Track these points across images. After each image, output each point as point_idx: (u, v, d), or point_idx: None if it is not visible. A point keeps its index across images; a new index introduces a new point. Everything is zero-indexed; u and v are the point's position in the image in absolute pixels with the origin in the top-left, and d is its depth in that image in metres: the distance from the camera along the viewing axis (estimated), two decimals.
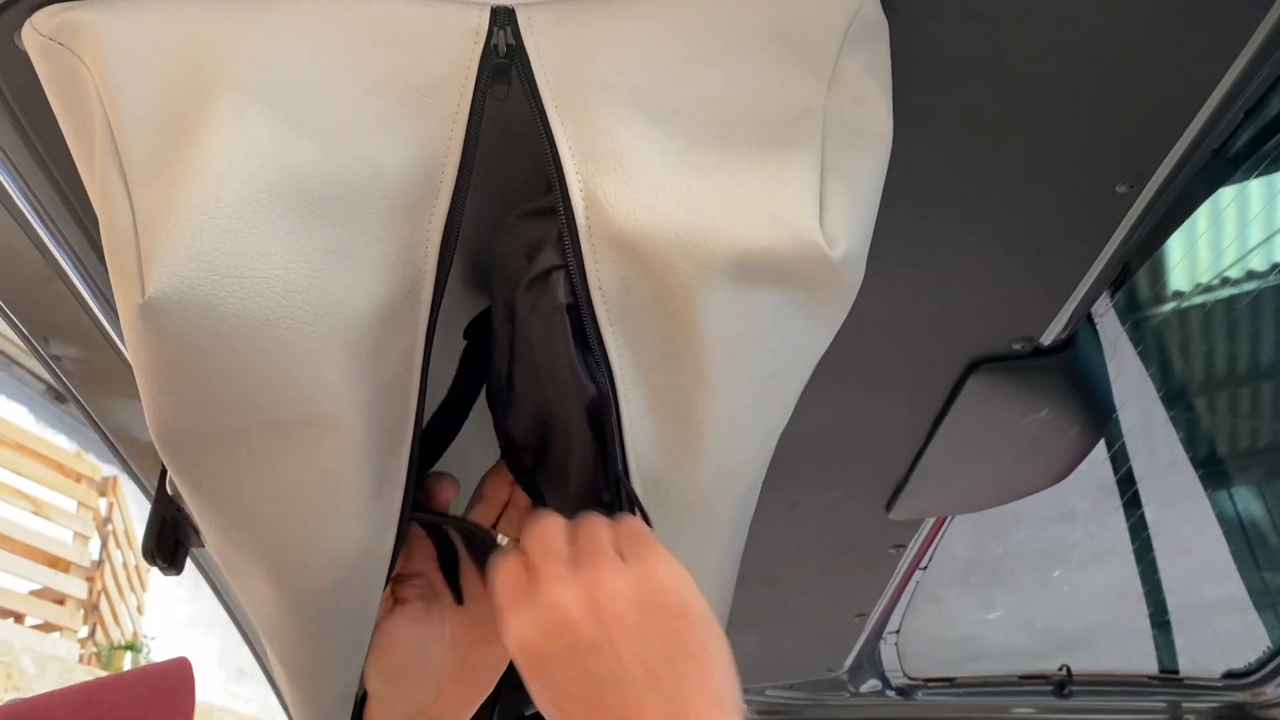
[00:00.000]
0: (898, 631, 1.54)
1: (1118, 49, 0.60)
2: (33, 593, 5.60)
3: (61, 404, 7.86)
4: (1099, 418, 0.95)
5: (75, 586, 5.77)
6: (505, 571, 0.56)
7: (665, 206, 0.48)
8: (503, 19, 0.49)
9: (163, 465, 0.93)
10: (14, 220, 0.66)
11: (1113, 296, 1.22)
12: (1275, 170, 1.17)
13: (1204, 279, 1.44)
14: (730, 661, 0.52)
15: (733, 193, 0.49)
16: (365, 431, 0.53)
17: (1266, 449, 1.70)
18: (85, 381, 0.85)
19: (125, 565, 6.37)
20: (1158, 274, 1.38)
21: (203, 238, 0.45)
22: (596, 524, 0.55)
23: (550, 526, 0.56)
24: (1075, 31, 0.59)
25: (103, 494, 6.20)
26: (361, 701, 0.67)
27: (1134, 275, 1.33)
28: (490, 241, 0.58)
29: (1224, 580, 1.67)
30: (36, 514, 5.62)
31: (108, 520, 6.21)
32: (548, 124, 0.49)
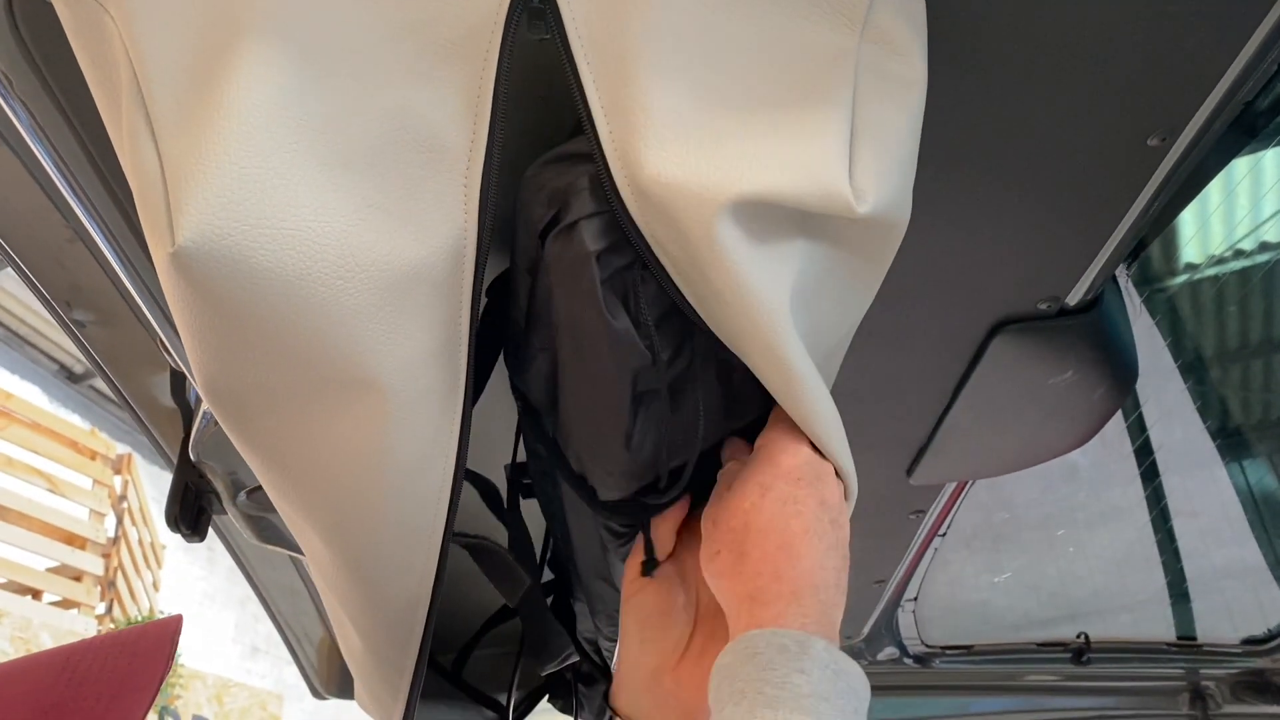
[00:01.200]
0: (915, 599, 1.54)
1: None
2: (50, 569, 5.64)
3: (74, 383, 7.90)
4: (1124, 379, 0.94)
5: (92, 563, 5.81)
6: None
7: (694, 160, 0.48)
8: None
9: (184, 433, 0.93)
10: (36, 181, 0.66)
11: (1129, 267, 1.22)
12: None
13: (1217, 251, 1.43)
14: None
15: (762, 145, 0.48)
16: (411, 396, 0.53)
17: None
18: (107, 348, 0.85)
19: (141, 542, 6.41)
20: (1172, 245, 1.37)
21: (231, 186, 0.44)
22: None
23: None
24: None
25: (118, 471, 6.23)
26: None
27: (1151, 243, 1.32)
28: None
29: (1234, 547, 1.67)
30: (52, 491, 5.66)
31: (123, 497, 6.25)
32: (579, 77, 0.49)
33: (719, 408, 0.62)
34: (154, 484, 6.85)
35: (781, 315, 0.53)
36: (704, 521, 0.62)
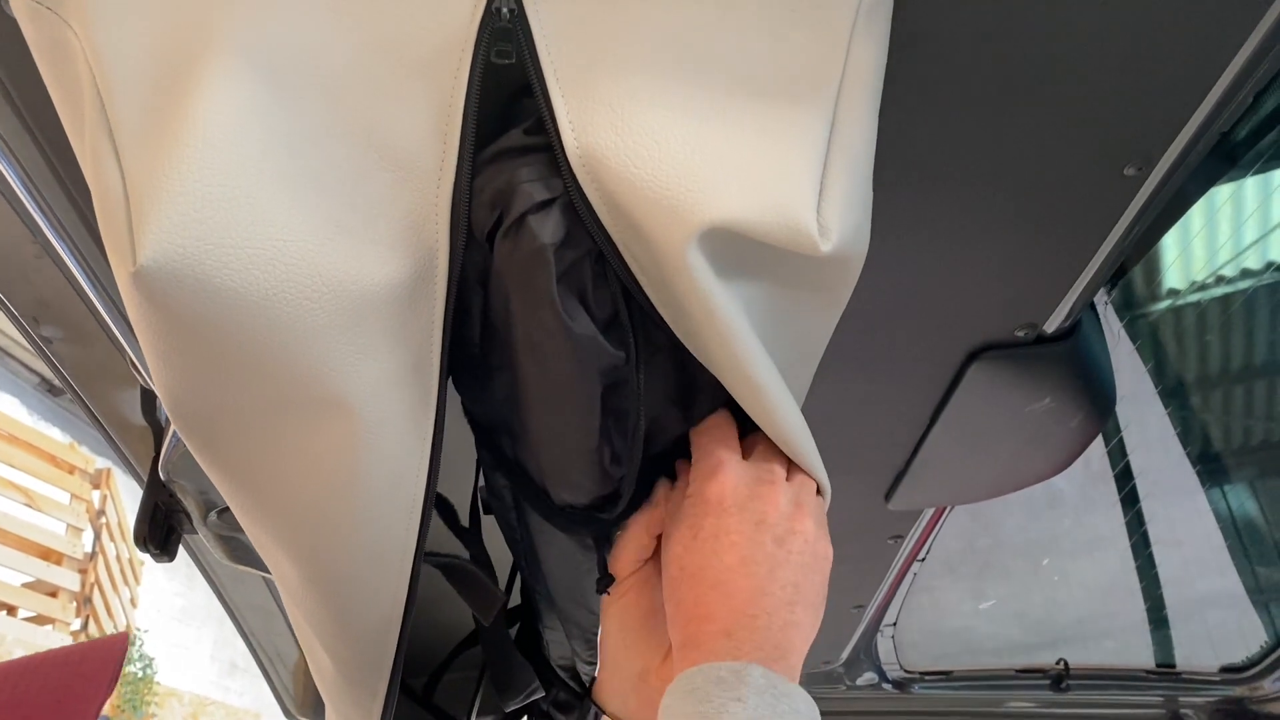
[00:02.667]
0: (895, 624, 1.54)
1: (1127, 28, 0.59)
2: (25, 585, 5.58)
3: (55, 396, 7.84)
4: (1102, 407, 0.94)
5: (68, 579, 5.75)
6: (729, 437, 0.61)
7: (665, 177, 0.47)
8: None
9: (154, 451, 0.92)
10: (1, 196, 0.65)
11: (1109, 292, 1.22)
12: (1273, 168, 1.17)
13: (1199, 277, 1.44)
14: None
15: (736, 172, 0.48)
16: (381, 416, 0.52)
17: (1261, 447, 1.70)
18: (76, 364, 0.84)
19: (119, 558, 6.35)
20: (1154, 271, 1.38)
21: (194, 205, 0.44)
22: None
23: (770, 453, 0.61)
24: (1085, 9, 0.58)
25: (96, 486, 6.18)
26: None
27: (1132, 269, 1.33)
28: None
29: (1214, 574, 1.67)
30: (29, 506, 5.60)
31: (101, 513, 6.19)
32: (547, 93, 0.48)
33: (671, 405, 0.61)
34: (133, 499, 6.78)
35: (749, 336, 0.53)
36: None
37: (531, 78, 0.48)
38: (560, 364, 0.54)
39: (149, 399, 0.87)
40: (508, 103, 0.54)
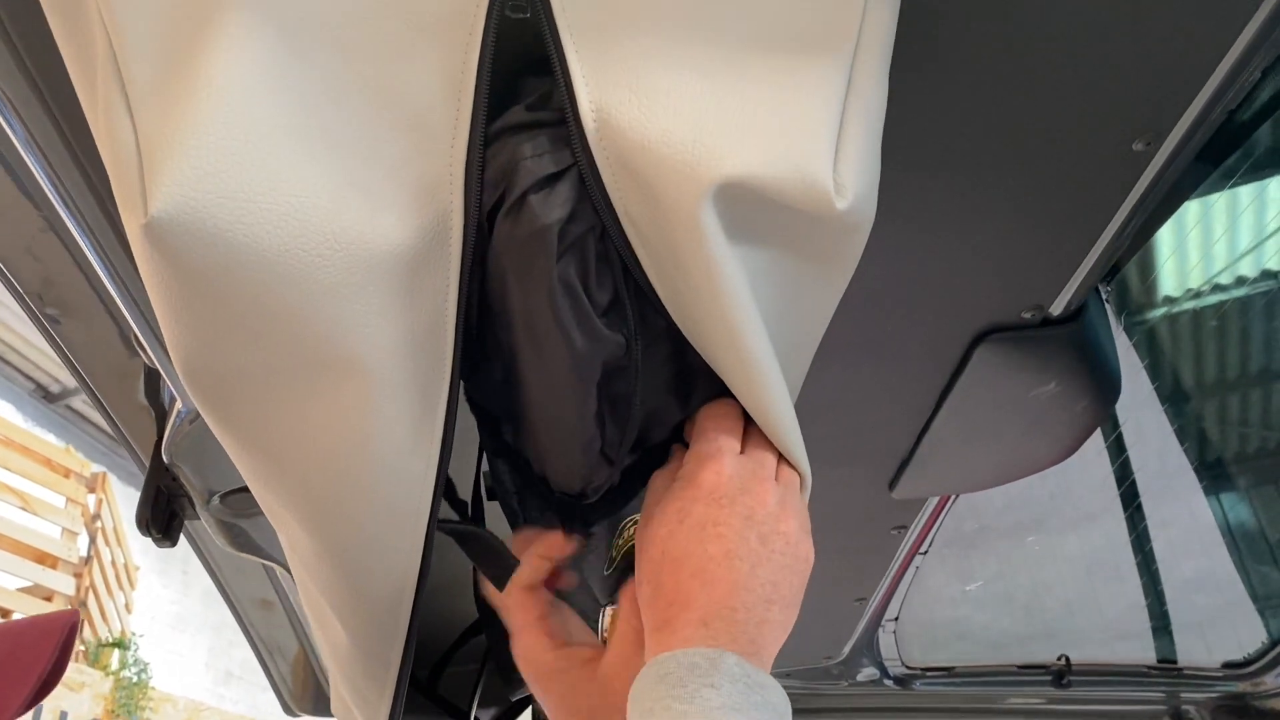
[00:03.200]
0: (896, 619, 1.53)
1: (1137, 1, 0.59)
2: (21, 589, 5.56)
3: (50, 402, 7.82)
4: (1107, 392, 0.94)
5: (63, 583, 5.73)
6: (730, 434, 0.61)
7: (679, 134, 0.47)
8: None
9: (157, 435, 0.92)
10: (7, 166, 0.65)
11: (1107, 289, 1.22)
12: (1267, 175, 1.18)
13: (1194, 285, 1.44)
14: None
15: (752, 126, 0.48)
16: (395, 378, 0.52)
17: (1258, 453, 1.71)
18: (80, 345, 0.83)
19: (114, 563, 6.33)
20: (1149, 277, 1.39)
21: (208, 158, 0.43)
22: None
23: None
24: None
25: (91, 490, 6.17)
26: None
27: (1125, 268, 1.33)
28: None
29: (1211, 570, 1.67)
30: (25, 510, 5.59)
31: (96, 517, 6.17)
32: (562, 51, 0.48)
33: (668, 394, 0.61)
34: (128, 504, 6.76)
35: (750, 308, 0.52)
36: (636, 548, 0.61)
37: (545, 34, 0.48)
38: (557, 348, 0.54)
39: (153, 380, 0.87)
40: (512, 79, 0.54)
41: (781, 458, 0.61)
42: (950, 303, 0.83)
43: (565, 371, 0.55)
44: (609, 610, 0.79)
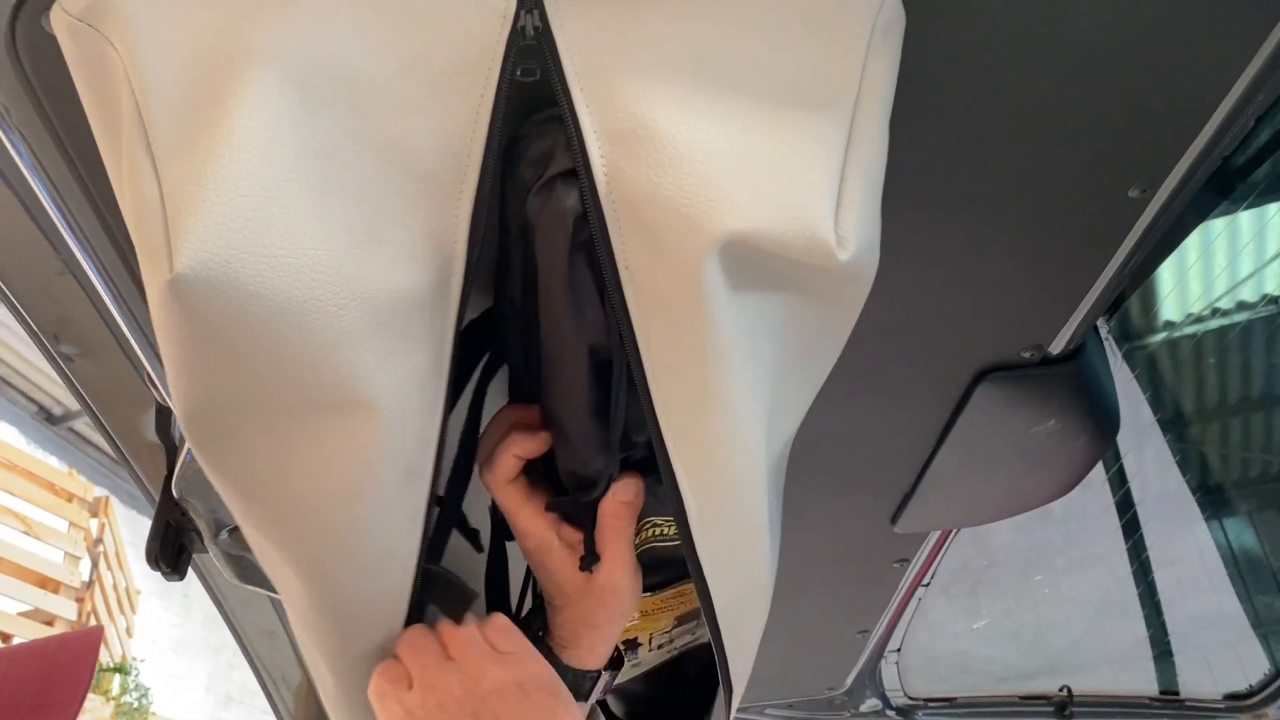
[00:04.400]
0: (899, 650, 1.53)
1: (1132, 50, 0.60)
2: (22, 614, 5.55)
3: (53, 425, 7.83)
4: (1106, 430, 0.95)
5: (65, 608, 5.71)
6: (389, 670, 0.63)
7: (687, 189, 0.48)
8: (530, 2, 0.49)
9: (168, 469, 0.93)
10: (28, 211, 0.66)
11: (1109, 322, 1.23)
12: (1267, 201, 1.19)
13: (1195, 309, 1.45)
14: None
15: (755, 180, 0.49)
16: (401, 417, 0.53)
17: (1260, 479, 1.71)
18: (93, 382, 0.85)
19: (115, 587, 6.31)
20: (1150, 303, 1.39)
21: (232, 214, 0.45)
22: (466, 628, 0.64)
23: (421, 634, 0.64)
24: (1090, 31, 0.59)
25: (94, 514, 6.16)
26: None
27: (1129, 299, 1.34)
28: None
29: (1214, 600, 1.67)
30: (27, 533, 5.58)
31: (99, 541, 6.16)
32: (573, 107, 0.50)
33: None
34: (131, 528, 6.77)
35: (738, 370, 0.54)
36: None
37: (557, 90, 0.49)
38: (563, 326, 0.57)
39: (164, 417, 0.88)
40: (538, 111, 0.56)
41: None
42: (951, 341, 0.84)
43: (568, 350, 0.58)
44: None
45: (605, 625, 0.71)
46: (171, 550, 0.95)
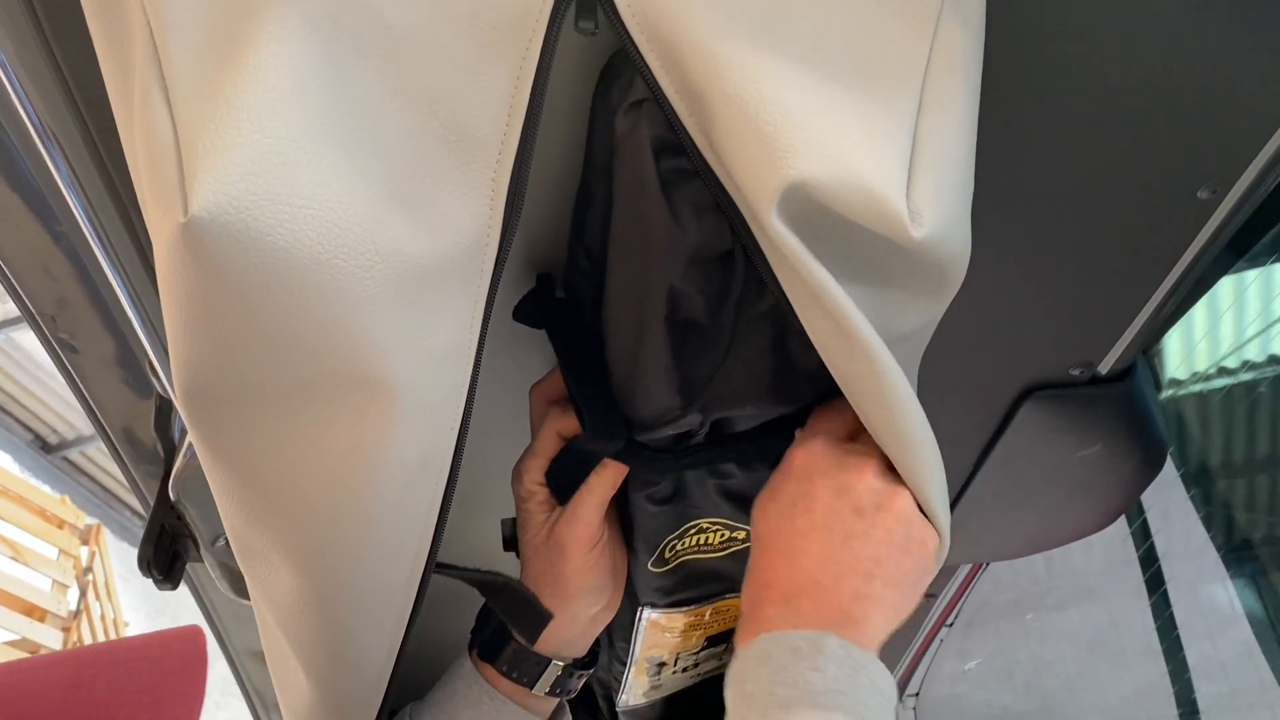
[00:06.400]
0: (917, 695, 1.47)
1: (1206, 45, 0.57)
2: (8, 643, 5.45)
3: (48, 453, 7.76)
4: (1152, 457, 0.90)
5: (51, 637, 5.61)
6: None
7: (752, 154, 0.44)
8: None
9: (165, 470, 0.88)
10: (29, 177, 0.62)
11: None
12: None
13: (1202, 369, 1.42)
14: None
15: (816, 134, 0.45)
16: (419, 397, 0.49)
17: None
18: (90, 372, 0.80)
19: (103, 618, 6.21)
20: (1159, 361, 1.37)
21: (253, 157, 0.41)
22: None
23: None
24: (1167, 13, 0.56)
25: (85, 542, 6.07)
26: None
27: (1166, 333, 1.31)
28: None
29: (1215, 653, 1.64)
30: (16, 560, 5.50)
31: (88, 570, 6.07)
32: (645, 65, 0.46)
33: (758, 380, 0.60)
34: (121, 560, 6.68)
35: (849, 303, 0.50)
36: None
37: (627, 48, 0.46)
38: (653, 220, 0.52)
39: (164, 412, 0.83)
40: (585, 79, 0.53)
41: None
42: (999, 355, 0.80)
43: (658, 246, 0.53)
44: (646, 615, 0.75)
45: (553, 596, 0.67)
46: (165, 556, 0.90)
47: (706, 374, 0.58)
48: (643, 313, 0.56)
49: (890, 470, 0.58)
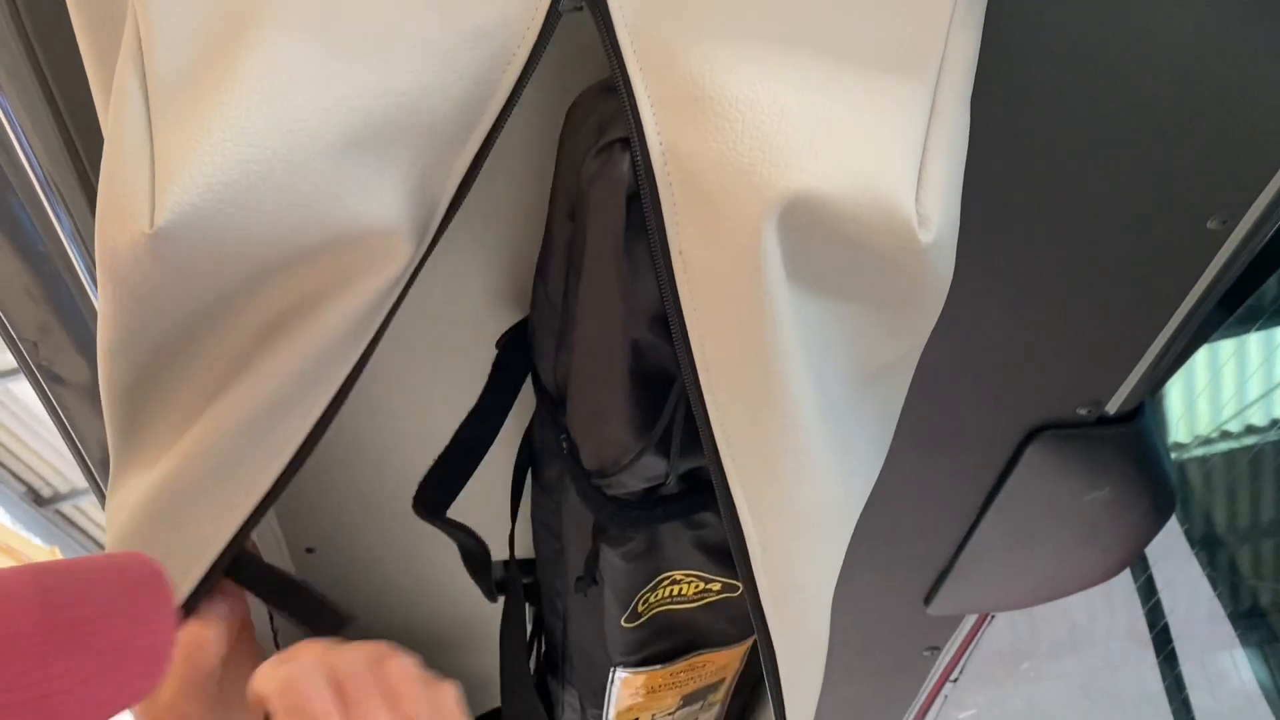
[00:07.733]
0: None
1: (1216, 69, 0.56)
2: None
3: (40, 506, 7.69)
4: (1162, 501, 0.87)
5: None
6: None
7: (746, 146, 0.43)
8: None
9: None
10: (13, 189, 0.61)
11: None
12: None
13: (1204, 431, 1.41)
14: None
15: (825, 140, 0.43)
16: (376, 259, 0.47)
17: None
18: (70, 400, 0.78)
19: None
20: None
21: (227, 168, 0.40)
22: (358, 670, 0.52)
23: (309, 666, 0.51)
24: (1178, 32, 0.54)
25: None
26: None
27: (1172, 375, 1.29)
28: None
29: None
30: None
31: None
32: (626, 74, 0.45)
33: None
34: None
35: (798, 358, 0.47)
36: None
37: (609, 56, 0.45)
38: (609, 312, 0.51)
39: None
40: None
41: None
42: (1004, 394, 0.78)
43: (617, 304, 0.51)
44: (619, 675, 0.72)
45: None
46: None
47: (671, 422, 0.56)
48: (607, 362, 0.54)
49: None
